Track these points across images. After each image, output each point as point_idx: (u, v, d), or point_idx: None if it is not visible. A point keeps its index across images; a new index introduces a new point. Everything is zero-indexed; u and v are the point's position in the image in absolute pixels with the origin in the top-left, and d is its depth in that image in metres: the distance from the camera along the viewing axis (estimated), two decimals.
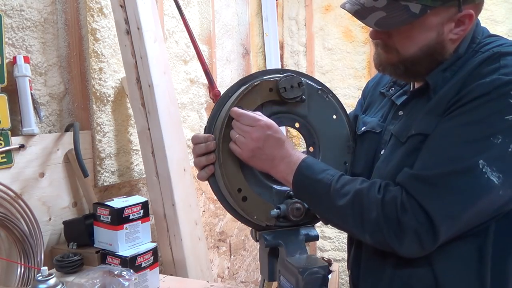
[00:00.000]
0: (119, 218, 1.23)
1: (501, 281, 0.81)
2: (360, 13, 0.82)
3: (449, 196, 0.74)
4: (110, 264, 1.22)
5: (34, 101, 1.34)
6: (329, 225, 0.95)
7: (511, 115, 0.73)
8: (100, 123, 1.59)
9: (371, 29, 0.86)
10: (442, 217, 0.74)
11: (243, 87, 0.95)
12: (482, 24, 0.89)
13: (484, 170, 0.73)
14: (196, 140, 0.96)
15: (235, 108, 0.92)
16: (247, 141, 0.89)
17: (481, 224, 0.79)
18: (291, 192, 0.96)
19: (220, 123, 0.94)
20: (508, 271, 0.81)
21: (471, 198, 0.74)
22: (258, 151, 0.89)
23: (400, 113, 0.92)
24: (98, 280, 1.02)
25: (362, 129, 1.01)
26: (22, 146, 1.29)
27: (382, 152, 0.93)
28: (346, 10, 0.84)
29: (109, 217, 1.24)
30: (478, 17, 0.87)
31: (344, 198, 0.82)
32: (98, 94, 1.58)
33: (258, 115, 0.92)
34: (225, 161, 0.93)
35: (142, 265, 1.23)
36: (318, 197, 0.87)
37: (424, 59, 0.84)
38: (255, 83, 0.94)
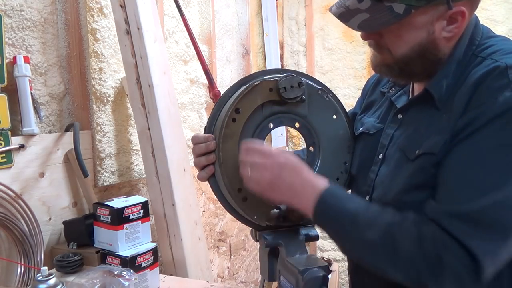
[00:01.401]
0: (119, 218, 1.23)
1: None
2: (344, 16, 0.81)
3: (492, 231, 0.68)
4: (110, 264, 1.22)
5: (34, 101, 1.34)
6: None
7: None
8: (100, 123, 1.59)
9: None
10: (489, 256, 0.68)
11: (243, 87, 0.95)
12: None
13: None
14: (196, 140, 0.96)
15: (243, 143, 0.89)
16: (263, 173, 0.84)
17: None
18: None
19: (220, 123, 0.94)
20: None
21: None
22: (276, 181, 0.84)
23: (399, 116, 0.90)
24: (98, 280, 1.02)
25: (360, 130, 1.00)
26: (22, 146, 1.29)
27: (380, 156, 0.91)
28: (332, 13, 0.83)
29: (109, 217, 1.24)
30: (478, 18, 0.86)
31: (374, 231, 0.75)
32: (98, 94, 1.58)
33: (266, 147, 0.87)
34: (225, 161, 0.93)
35: (142, 265, 1.23)
36: (344, 229, 0.79)
37: (417, 59, 0.81)
38: (255, 83, 0.94)
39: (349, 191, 1.03)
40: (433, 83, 0.82)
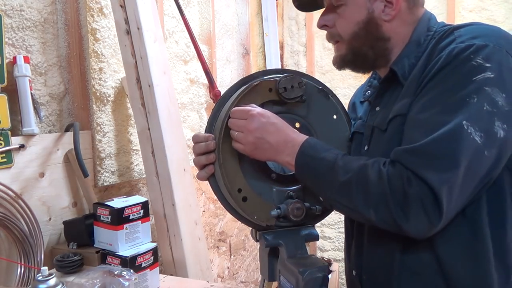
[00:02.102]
0: (119, 218, 1.23)
1: (503, 252, 0.81)
2: (303, 6, 1.01)
3: (442, 161, 0.74)
4: (110, 264, 1.22)
5: (34, 101, 1.34)
6: (334, 214, 0.94)
7: (477, 76, 0.76)
8: (100, 123, 1.59)
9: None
10: (440, 183, 0.73)
11: (243, 87, 0.95)
12: None
13: (469, 130, 0.74)
14: (196, 139, 0.96)
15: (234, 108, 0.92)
16: (246, 135, 0.89)
17: (474, 197, 0.79)
18: (291, 192, 0.96)
19: (220, 123, 0.94)
20: (507, 241, 0.82)
21: (463, 161, 0.73)
22: (260, 142, 0.88)
23: (377, 109, 0.95)
24: (98, 280, 1.02)
25: (351, 131, 1.04)
26: (22, 146, 1.29)
27: (365, 148, 0.95)
28: (296, 7, 1.00)
29: (109, 217, 1.24)
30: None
31: (348, 174, 0.81)
32: (98, 94, 1.58)
33: (250, 106, 0.91)
34: (225, 161, 0.93)
35: (142, 265, 1.23)
36: (322, 175, 0.86)
37: (363, 36, 0.91)
38: (255, 83, 0.94)
39: None
40: (396, 62, 0.91)
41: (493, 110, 0.75)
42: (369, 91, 1.03)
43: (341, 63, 0.97)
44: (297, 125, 0.99)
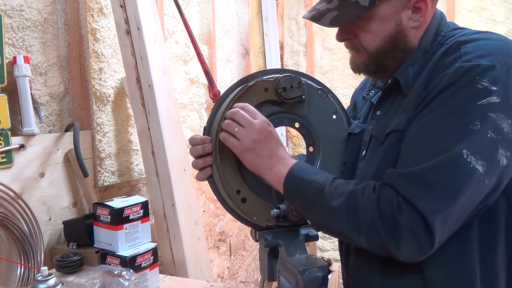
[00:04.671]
0: (119, 218, 1.23)
1: (490, 278, 0.80)
2: (315, 17, 0.87)
3: (438, 190, 0.72)
4: (110, 264, 1.22)
5: (34, 101, 1.34)
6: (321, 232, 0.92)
7: (482, 100, 0.72)
8: (100, 123, 1.59)
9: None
10: (433, 213, 0.71)
11: (238, 88, 0.95)
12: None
13: (468, 159, 0.71)
14: (193, 142, 0.95)
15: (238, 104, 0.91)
16: (249, 132, 0.87)
17: (465, 221, 0.77)
18: None
19: (216, 126, 0.93)
20: (497, 267, 0.80)
21: (460, 190, 0.71)
22: (259, 145, 0.87)
23: (378, 113, 0.93)
24: (98, 280, 1.02)
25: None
26: (22, 146, 1.29)
27: (363, 153, 0.94)
28: (305, 18, 0.89)
29: (109, 217, 1.24)
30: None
31: (338, 199, 0.79)
32: (98, 94, 1.58)
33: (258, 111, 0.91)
34: (222, 164, 0.92)
35: (142, 265, 1.23)
36: (311, 199, 0.84)
37: (389, 50, 0.86)
38: (250, 84, 0.94)
39: None
40: (400, 71, 0.87)
41: (497, 138, 0.72)
42: (373, 91, 1.01)
43: (361, 70, 0.92)
44: (297, 125, 0.99)
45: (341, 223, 0.80)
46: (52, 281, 0.96)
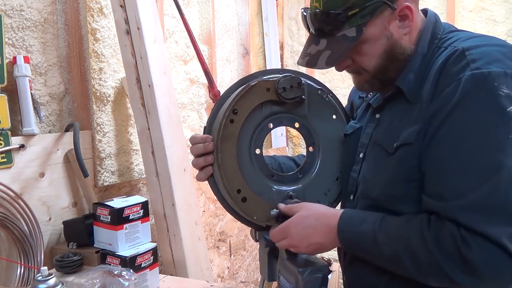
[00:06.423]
0: (119, 218, 1.23)
1: None
2: (310, 62, 0.87)
3: (504, 212, 0.68)
4: (110, 264, 1.22)
5: (34, 101, 1.34)
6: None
7: (510, 107, 0.70)
8: (100, 123, 1.59)
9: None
10: (508, 236, 0.67)
11: (240, 88, 0.95)
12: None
13: None
14: (194, 141, 0.95)
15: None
16: (291, 238, 0.88)
17: None
18: (291, 192, 0.96)
19: (218, 124, 0.93)
20: None
21: None
22: (304, 240, 0.87)
23: (377, 116, 0.93)
24: (98, 280, 1.02)
25: None
26: (22, 146, 1.29)
27: (361, 155, 0.93)
28: (300, 65, 0.90)
29: (109, 217, 1.24)
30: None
31: (391, 246, 0.77)
32: (98, 94, 1.58)
33: (286, 223, 0.90)
34: (223, 163, 0.92)
35: (142, 265, 1.23)
36: (367, 249, 0.82)
37: (389, 64, 0.86)
38: (252, 84, 0.94)
39: None
40: (400, 79, 0.86)
41: None
42: (371, 93, 1.00)
43: (367, 89, 0.94)
44: (297, 125, 0.99)
45: (403, 268, 0.78)
46: (52, 281, 0.96)
